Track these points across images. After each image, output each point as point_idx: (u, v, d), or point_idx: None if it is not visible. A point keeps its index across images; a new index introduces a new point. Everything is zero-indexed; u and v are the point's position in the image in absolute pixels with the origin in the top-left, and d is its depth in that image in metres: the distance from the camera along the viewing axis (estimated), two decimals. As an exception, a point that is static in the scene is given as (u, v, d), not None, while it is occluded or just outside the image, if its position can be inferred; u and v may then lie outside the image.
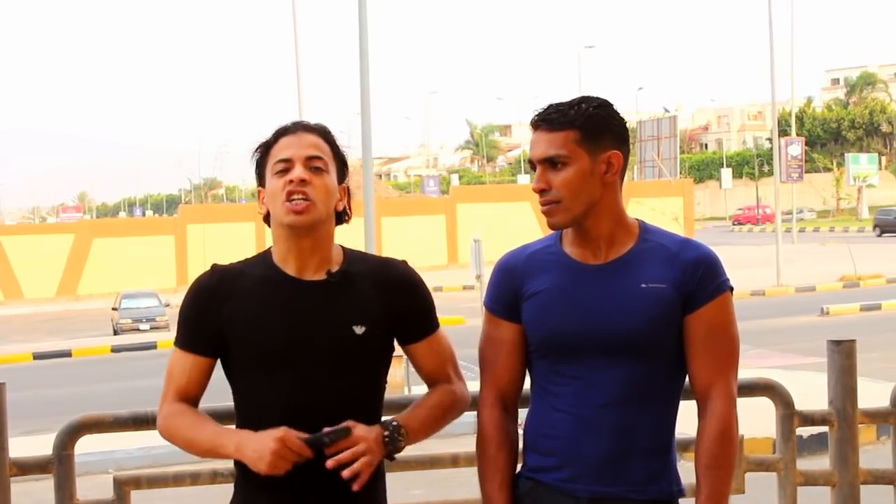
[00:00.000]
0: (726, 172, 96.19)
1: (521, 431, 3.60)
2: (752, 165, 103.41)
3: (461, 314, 32.77)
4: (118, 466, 11.15)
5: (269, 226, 3.51)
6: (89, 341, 34.95)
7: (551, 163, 3.40)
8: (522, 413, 3.64)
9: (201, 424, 3.44)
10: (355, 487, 3.32)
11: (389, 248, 55.65)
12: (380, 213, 47.59)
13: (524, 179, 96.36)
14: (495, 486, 3.51)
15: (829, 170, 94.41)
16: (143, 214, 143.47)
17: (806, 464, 5.35)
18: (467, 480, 4.40)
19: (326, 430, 3.30)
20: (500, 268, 3.58)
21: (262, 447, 3.25)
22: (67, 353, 31.41)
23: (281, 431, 3.26)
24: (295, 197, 3.37)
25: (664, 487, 3.43)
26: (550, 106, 3.46)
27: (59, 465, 4.76)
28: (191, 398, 3.52)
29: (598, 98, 3.50)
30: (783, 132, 66.27)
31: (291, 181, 3.37)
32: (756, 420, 6.85)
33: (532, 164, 3.46)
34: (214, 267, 3.53)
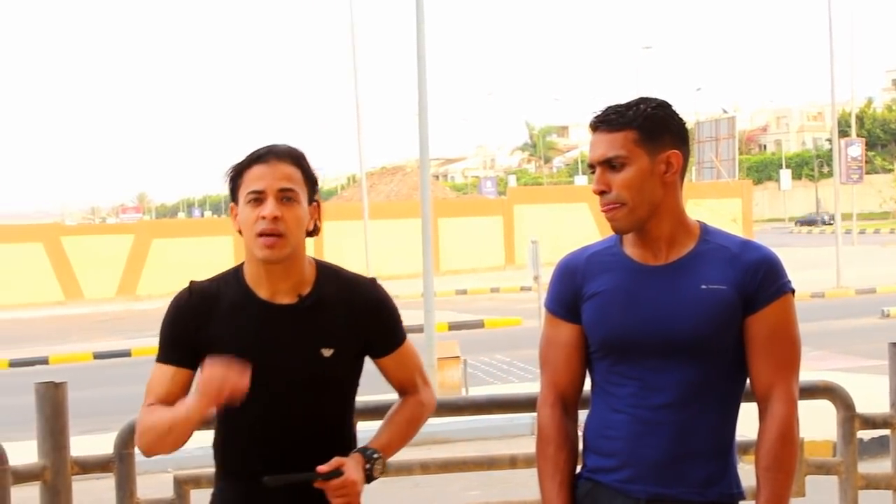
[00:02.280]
0: (785, 174, 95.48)
1: (580, 433, 3.60)
2: (811, 167, 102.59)
3: (518, 315, 32.75)
4: (178, 466, 11.22)
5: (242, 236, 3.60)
6: (149, 341, 35.06)
7: (611, 164, 3.40)
8: (583, 414, 3.64)
9: (167, 409, 3.48)
10: None
11: (446, 250, 55.70)
12: (437, 215, 47.59)
13: (581, 180, 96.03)
14: (555, 487, 3.51)
15: (889, 171, 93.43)
16: (202, 215, 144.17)
17: (867, 467, 5.31)
18: (525, 482, 4.40)
19: (321, 468, 3.43)
20: (561, 269, 3.58)
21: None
22: (127, 353, 31.63)
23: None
24: (267, 233, 3.47)
25: (724, 489, 3.42)
26: (609, 107, 3.46)
27: (120, 463, 4.81)
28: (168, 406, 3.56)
29: (656, 98, 3.49)
30: (843, 133, 65.77)
31: (264, 217, 3.47)
32: (816, 423, 6.80)
33: (591, 167, 3.46)
34: (192, 285, 3.67)
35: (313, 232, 3.63)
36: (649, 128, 3.39)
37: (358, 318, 3.61)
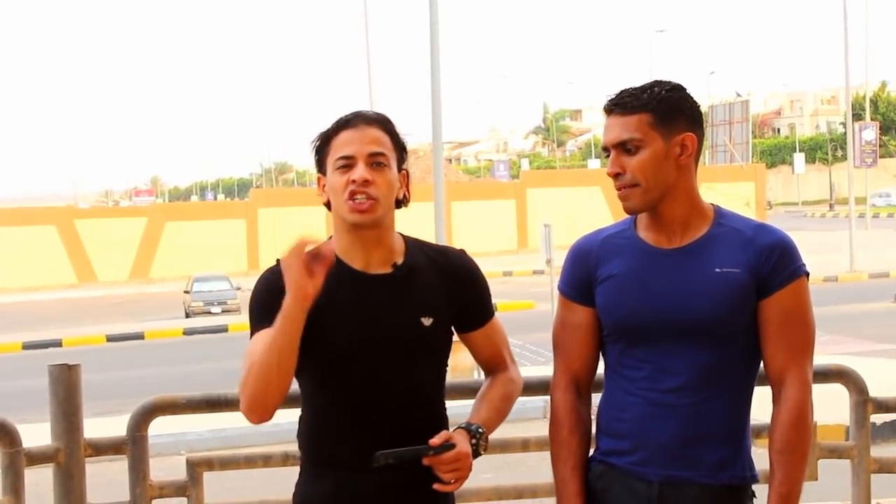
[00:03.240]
0: (799, 157, 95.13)
1: (593, 416, 3.59)
2: (825, 150, 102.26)
3: (531, 299, 32.79)
4: (190, 448, 11.24)
5: (330, 210, 3.50)
6: (162, 324, 35.28)
7: (625, 147, 3.39)
8: (596, 397, 3.63)
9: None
10: (450, 489, 3.38)
11: (460, 233, 55.70)
12: (450, 198, 47.58)
13: (595, 164, 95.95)
14: (568, 470, 3.51)
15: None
16: (215, 198, 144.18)
17: (879, 451, 5.31)
18: (537, 465, 4.39)
19: (433, 441, 3.32)
20: (575, 252, 3.58)
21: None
22: (140, 336, 31.73)
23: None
24: (358, 197, 3.37)
25: (737, 473, 3.41)
26: (623, 90, 3.45)
27: (133, 446, 4.82)
28: None
29: (670, 81, 3.48)
30: (857, 116, 65.48)
31: (354, 181, 3.38)
32: (829, 407, 6.79)
33: (606, 150, 3.45)
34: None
35: (403, 202, 3.54)
36: (664, 110, 3.38)
37: (452, 285, 3.52)
